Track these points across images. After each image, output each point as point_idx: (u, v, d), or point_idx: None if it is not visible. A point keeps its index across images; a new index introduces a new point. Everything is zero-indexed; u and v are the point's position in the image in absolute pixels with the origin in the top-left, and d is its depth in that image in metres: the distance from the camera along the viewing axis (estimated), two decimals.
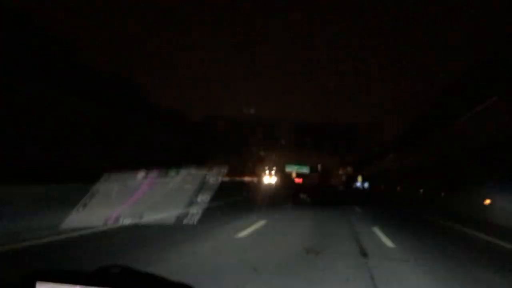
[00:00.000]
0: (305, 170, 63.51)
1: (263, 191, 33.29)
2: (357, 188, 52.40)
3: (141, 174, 1.73)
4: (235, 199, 19.37)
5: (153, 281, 1.21)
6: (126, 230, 7.49)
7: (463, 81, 19.38)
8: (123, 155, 16.40)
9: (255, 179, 51.97)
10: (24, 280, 1.25)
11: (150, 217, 8.36)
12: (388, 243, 7.45)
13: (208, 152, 28.18)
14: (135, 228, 7.40)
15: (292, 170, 63.50)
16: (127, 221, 8.02)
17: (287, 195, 24.87)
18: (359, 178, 55.07)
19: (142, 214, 8.39)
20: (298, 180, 59.04)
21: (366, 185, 53.40)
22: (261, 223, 9.98)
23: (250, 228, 8.98)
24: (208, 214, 5.82)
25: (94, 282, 1.21)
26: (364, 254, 6.15)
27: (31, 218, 7.44)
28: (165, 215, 8.62)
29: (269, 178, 57.54)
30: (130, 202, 8.65)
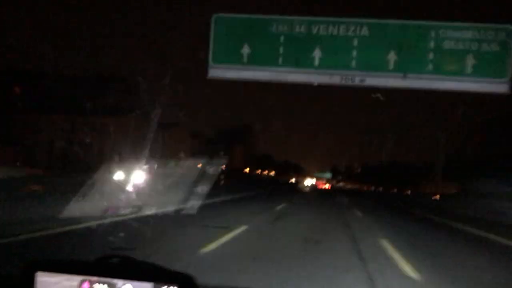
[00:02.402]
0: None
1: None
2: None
3: (141, 166, 1.72)
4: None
5: (152, 271, 1.21)
6: (125, 221, 7.51)
7: None
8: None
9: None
10: (25, 270, 1.25)
11: (150, 208, 8.40)
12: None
13: None
14: (134, 219, 7.41)
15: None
16: (126, 211, 8.07)
17: None
18: None
19: (141, 205, 8.44)
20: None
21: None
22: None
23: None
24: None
25: (94, 271, 1.21)
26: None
27: (31, 207, 7.45)
28: (164, 206, 8.65)
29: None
30: (129, 193, 8.65)
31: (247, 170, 58.94)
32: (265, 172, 74.97)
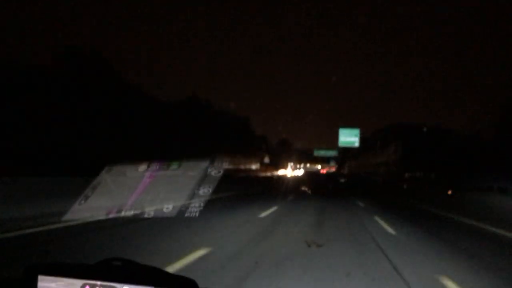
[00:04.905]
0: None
1: None
2: None
3: (143, 166, 1.71)
4: None
5: (155, 275, 1.20)
6: (128, 222, 7.52)
7: None
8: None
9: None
10: (26, 273, 1.24)
11: (152, 209, 8.42)
12: None
13: None
14: (137, 220, 7.40)
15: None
16: (129, 213, 8.09)
17: None
18: None
19: (144, 206, 8.45)
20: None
21: None
22: None
23: None
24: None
25: (95, 275, 1.20)
26: None
27: (31, 210, 7.46)
28: (167, 207, 8.69)
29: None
30: (132, 194, 8.66)
31: None
32: None
